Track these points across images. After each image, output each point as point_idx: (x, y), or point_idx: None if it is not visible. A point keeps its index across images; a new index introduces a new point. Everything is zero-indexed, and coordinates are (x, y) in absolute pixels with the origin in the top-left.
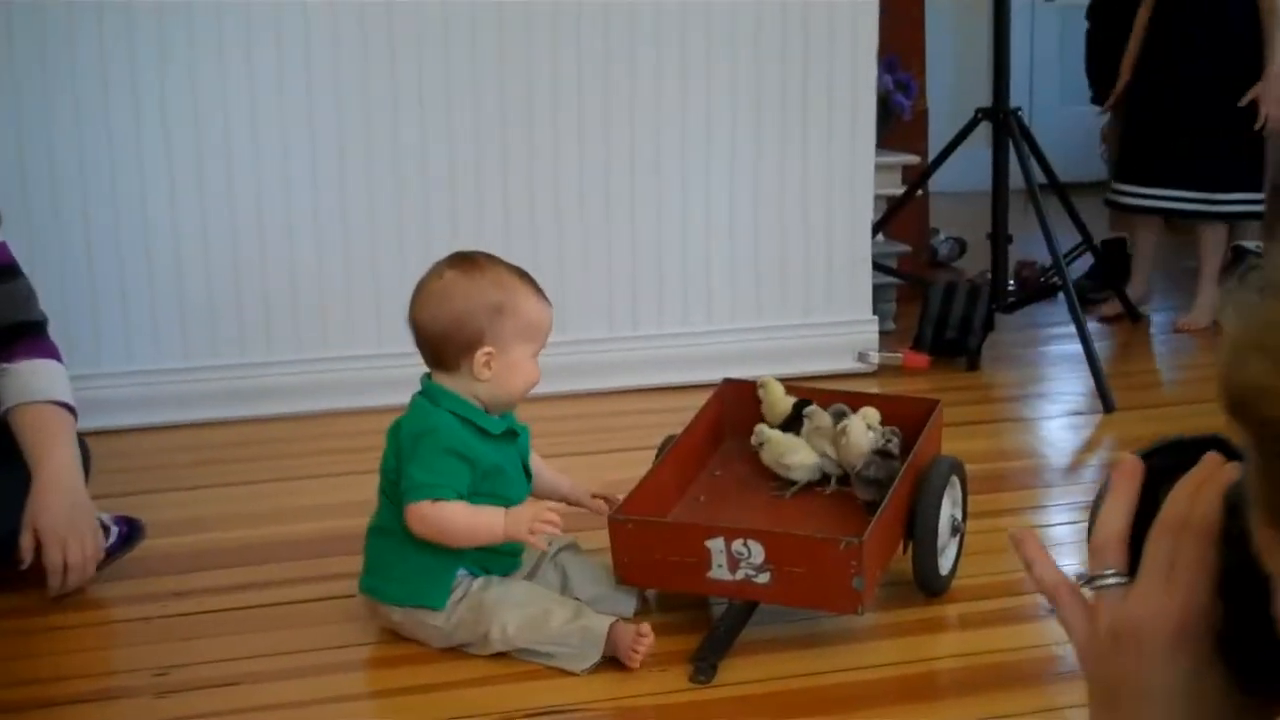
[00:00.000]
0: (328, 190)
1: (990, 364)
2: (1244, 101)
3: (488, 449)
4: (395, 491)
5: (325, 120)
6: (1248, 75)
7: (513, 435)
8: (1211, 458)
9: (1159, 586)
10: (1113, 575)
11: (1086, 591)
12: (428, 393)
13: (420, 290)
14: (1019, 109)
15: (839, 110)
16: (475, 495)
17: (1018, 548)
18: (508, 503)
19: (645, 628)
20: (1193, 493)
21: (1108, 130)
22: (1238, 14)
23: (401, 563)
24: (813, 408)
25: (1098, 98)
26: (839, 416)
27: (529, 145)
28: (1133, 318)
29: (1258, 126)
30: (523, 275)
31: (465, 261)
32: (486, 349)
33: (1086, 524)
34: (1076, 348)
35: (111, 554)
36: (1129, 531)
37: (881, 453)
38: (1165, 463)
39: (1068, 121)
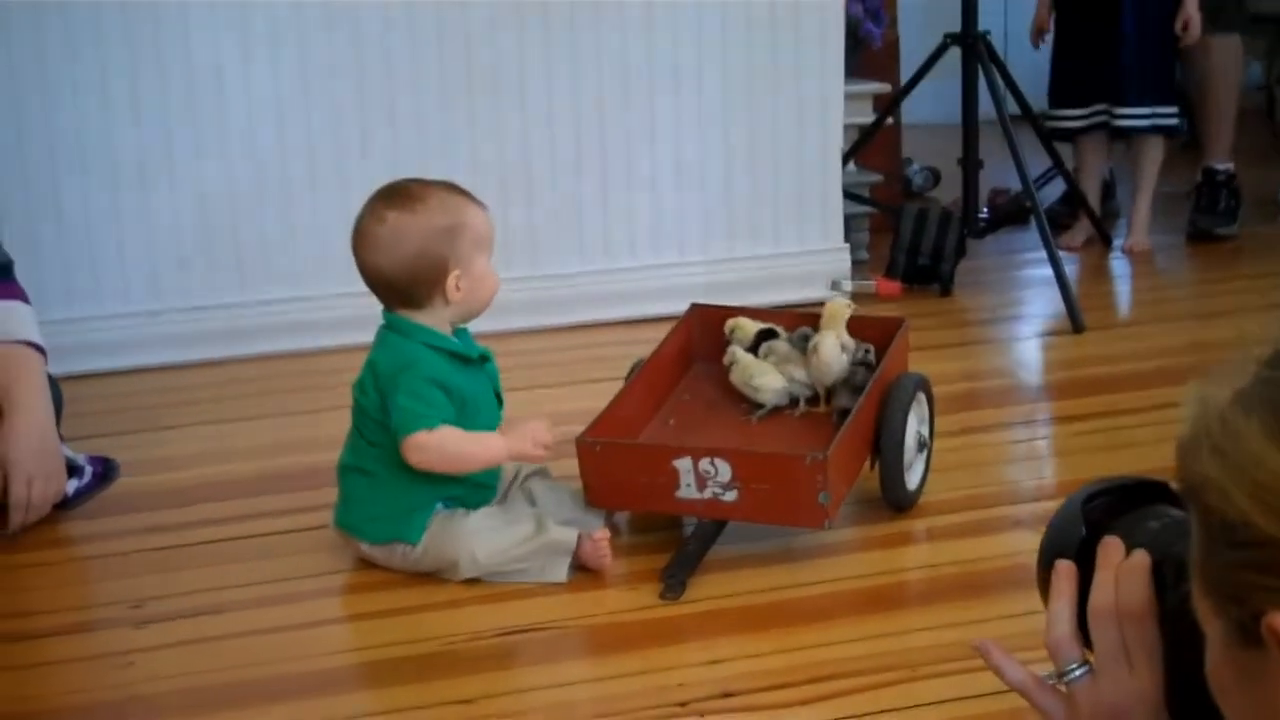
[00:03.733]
0: (295, 129)
1: (963, 289)
2: (1182, 18)
3: (464, 378)
4: (373, 429)
5: (290, 59)
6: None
7: (484, 360)
8: (1112, 544)
9: (1124, 670)
10: (1077, 668)
11: (1060, 684)
12: (396, 327)
13: (366, 236)
14: (988, 33)
15: (807, 39)
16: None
17: (985, 658)
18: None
19: (599, 533)
20: (1114, 580)
21: None
22: None
23: (377, 502)
24: (770, 342)
25: None
26: (804, 339)
27: (497, 80)
28: (1105, 241)
29: (1183, 44)
30: (454, 189)
31: (400, 197)
32: (455, 272)
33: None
34: (1047, 271)
35: (87, 492)
36: (1078, 629)
37: (863, 364)
38: (1105, 504)
39: (1045, 48)
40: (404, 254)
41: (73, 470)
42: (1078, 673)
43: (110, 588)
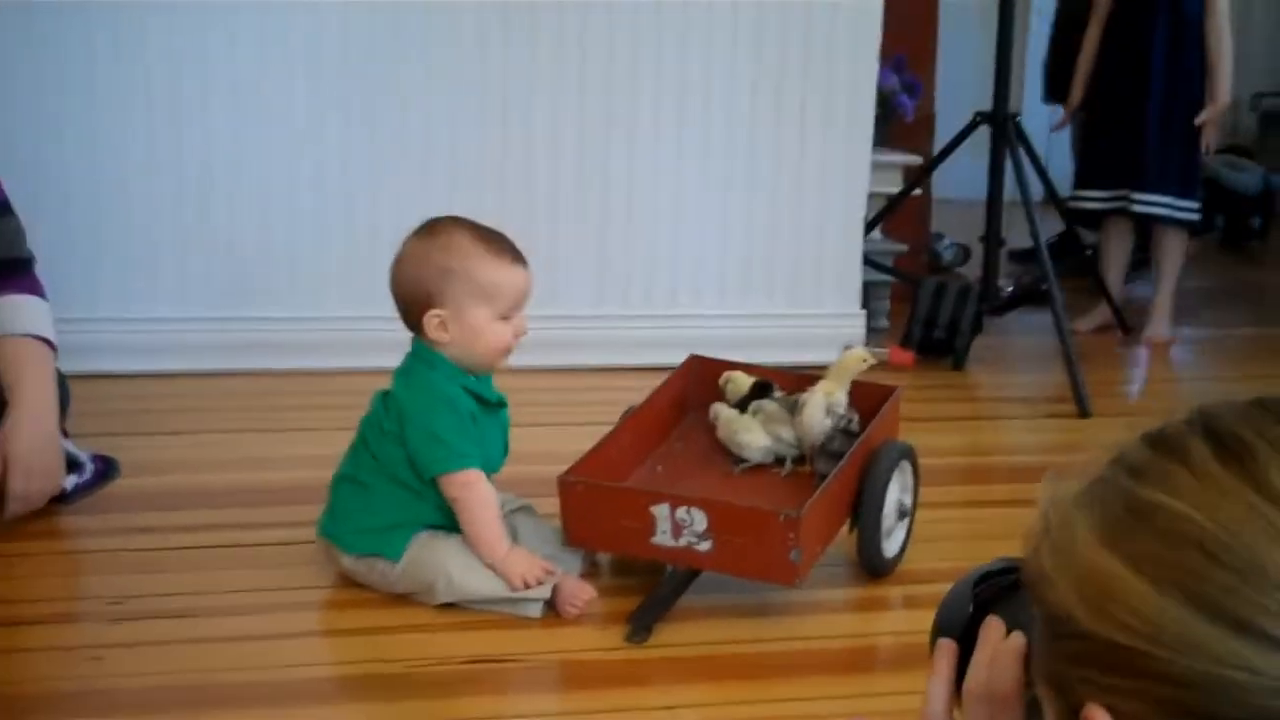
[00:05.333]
0: (329, 152)
1: (976, 364)
2: (1198, 121)
3: (481, 419)
4: (381, 443)
5: (328, 80)
6: (1198, 95)
7: (500, 406)
8: (992, 625)
9: None
10: None
11: None
12: (423, 357)
13: (395, 256)
14: (1017, 114)
15: (837, 105)
16: None
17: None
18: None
19: (589, 587)
20: (989, 663)
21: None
22: (1190, 37)
23: (365, 514)
24: (760, 401)
25: (1049, 95)
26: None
27: (528, 125)
28: (1124, 329)
29: (1204, 149)
30: (488, 238)
31: (428, 227)
32: (436, 312)
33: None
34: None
35: (86, 489)
36: (951, 706)
37: (844, 431)
38: (997, 585)
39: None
40: (402, 277)
41: (74, 465)
42: None
43: (91, 582)
